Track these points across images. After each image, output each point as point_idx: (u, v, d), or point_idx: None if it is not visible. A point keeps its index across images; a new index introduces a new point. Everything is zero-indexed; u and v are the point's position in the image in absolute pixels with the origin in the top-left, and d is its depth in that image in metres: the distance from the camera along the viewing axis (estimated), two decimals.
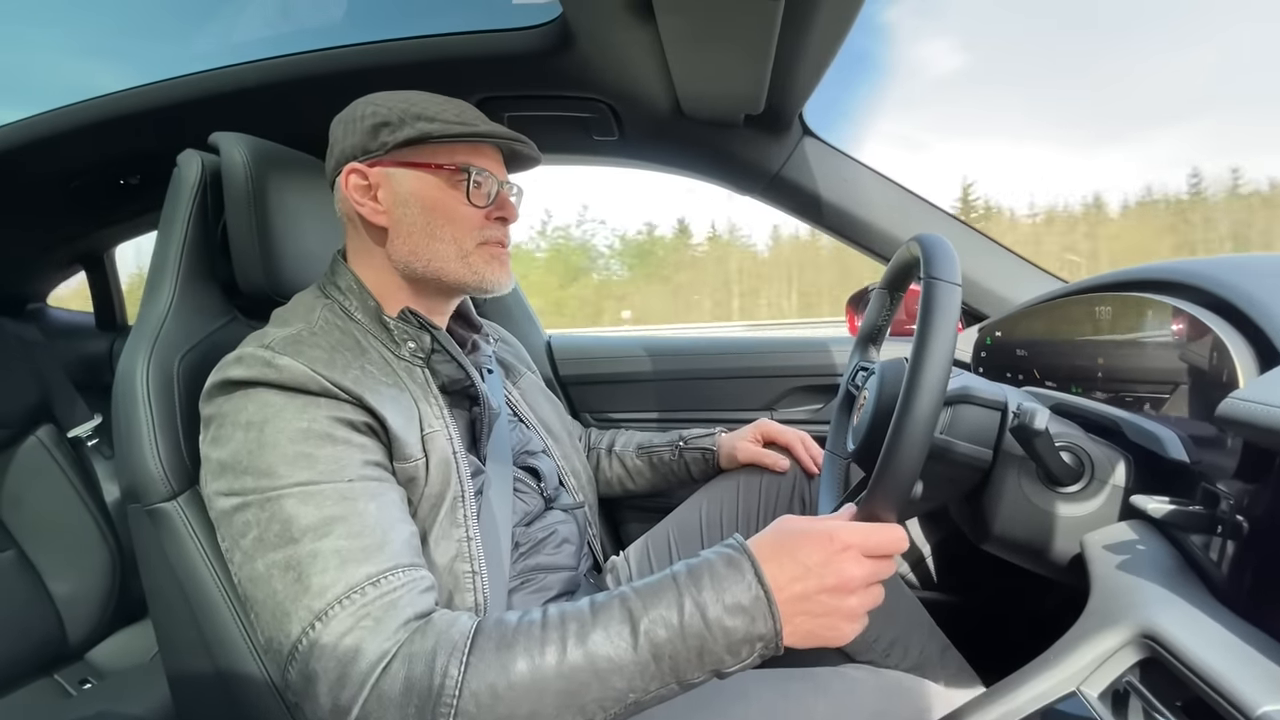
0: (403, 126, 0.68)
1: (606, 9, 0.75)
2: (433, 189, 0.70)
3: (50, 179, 1.16)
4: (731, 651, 0.49)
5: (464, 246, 0.71)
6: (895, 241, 1.08)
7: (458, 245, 0.70)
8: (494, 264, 0.72)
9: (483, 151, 0.72)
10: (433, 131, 0.67)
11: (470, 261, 0.71)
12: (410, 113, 0.68)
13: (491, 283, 0.73)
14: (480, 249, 0.72)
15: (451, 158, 0.70)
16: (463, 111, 0.70)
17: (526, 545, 0.76)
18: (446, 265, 0.71)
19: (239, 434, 0.57)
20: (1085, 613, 0.45)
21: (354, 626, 0.50)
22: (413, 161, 0.69)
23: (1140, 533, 0.53)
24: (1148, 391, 0.59)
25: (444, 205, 0.70)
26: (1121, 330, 0.64)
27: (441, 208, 0.70)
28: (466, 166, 0.70)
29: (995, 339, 0.91)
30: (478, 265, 0.71)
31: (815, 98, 0.98)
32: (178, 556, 0.64)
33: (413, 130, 0.67)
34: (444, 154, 0.70)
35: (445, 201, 0.70)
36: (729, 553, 0.52)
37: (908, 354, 0.75)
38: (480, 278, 0.72)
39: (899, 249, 0.72)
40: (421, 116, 0.68)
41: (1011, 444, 0.61)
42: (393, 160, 0.69)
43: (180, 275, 0.74)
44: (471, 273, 0.71)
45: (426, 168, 0.69)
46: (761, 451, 0.97)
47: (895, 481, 0.52)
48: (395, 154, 0.69)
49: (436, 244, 0.70)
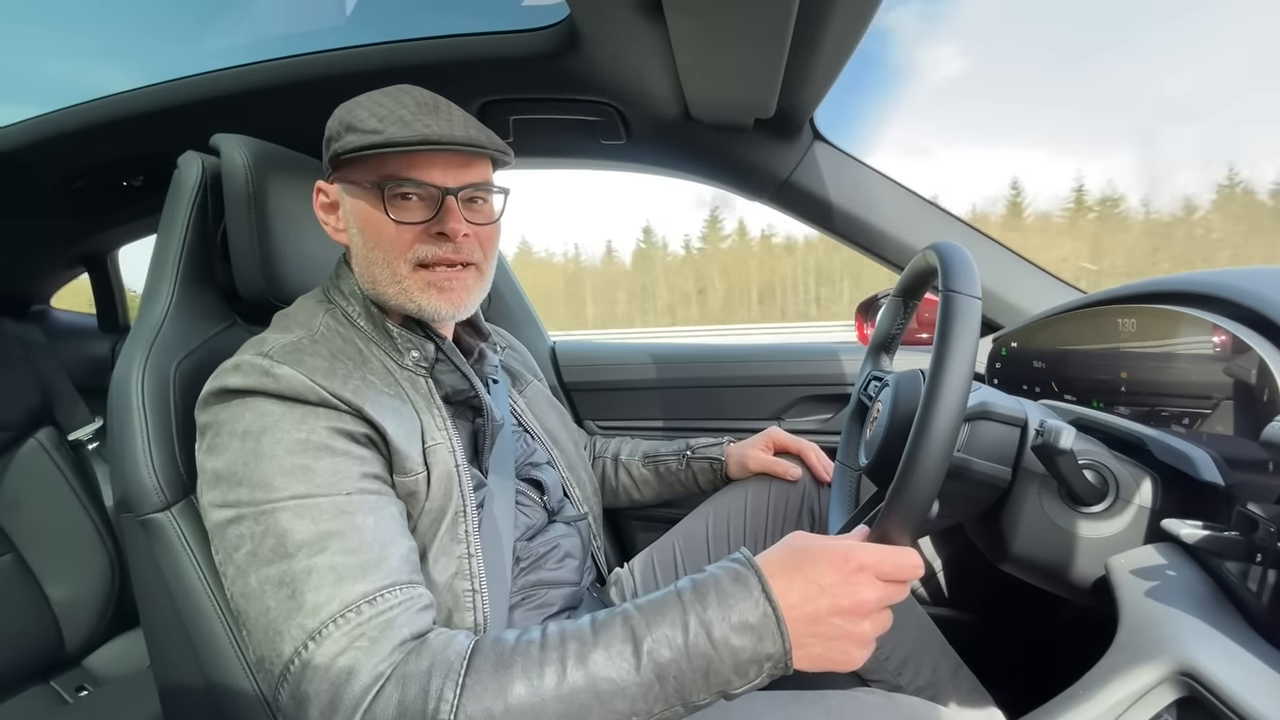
0: (336, 139, 0.64)
1: (615, 10, 0.74)
2: (364, 207, 0.65)
3: (53, 180, 1.16)
4: (739, 672, 0.47)
5: (397, 270, 0.64)
6: (908, 248, 1.06)
7: (391, 269, 0.64)
8: (429, 291, 0.65)
9: (419, 160, 0.63)
10: (350, 145, 0.62)
11: (405, 287, 0.65)
12: (345, 123, 0.63)
13: (430, 311, 0.65)
14: (416, 273, 0.65)
15: (379, 171, 0.63)
16: (390, 114, 0.62)
17: (528, 560, 0.74)
18: (387, 290, 0.65)
19: (235, 443, 0.56)
20: (1115, 644, 0.43)
21: (348, 647, 0.48)
22: (349, 178, 0.65)
23: (1169, 557, 0.51)
24: (1177, 408, 0.56)
25: (373, 224, 0.64)
26: (1148, 343, 0.62)
27: (370, 227, 0.65)
28: (380, 182, 0.63)
29: (1010, 350, 0.88)
30: (413, 292, 0.65)
31: (826, 102, 0.96)
32: (170, 568, 0.63)
33: (340, 144, 0.63)
34: (372, 167, 0.63)
35: (374, 220, 0.64)
36: (735, 568, 0.50)
37: (922, 365, 0.73)
38: (417, 306, 0.65)
39: (914, 257, 0.70)
40: (352, 127, 0.62)
41: (1032, 461, 0.59)
42: (338, 176, 0.67)
43: (179, 278, 0.73)
44: (409, 299, 0.65)
45: (358, 184, 0.65)
46: (773, 460, 0.95)
47: (912, 502, 0.50)
48: (341, 170, 0.66)
49: (373, 268, 0.65)
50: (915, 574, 0.50)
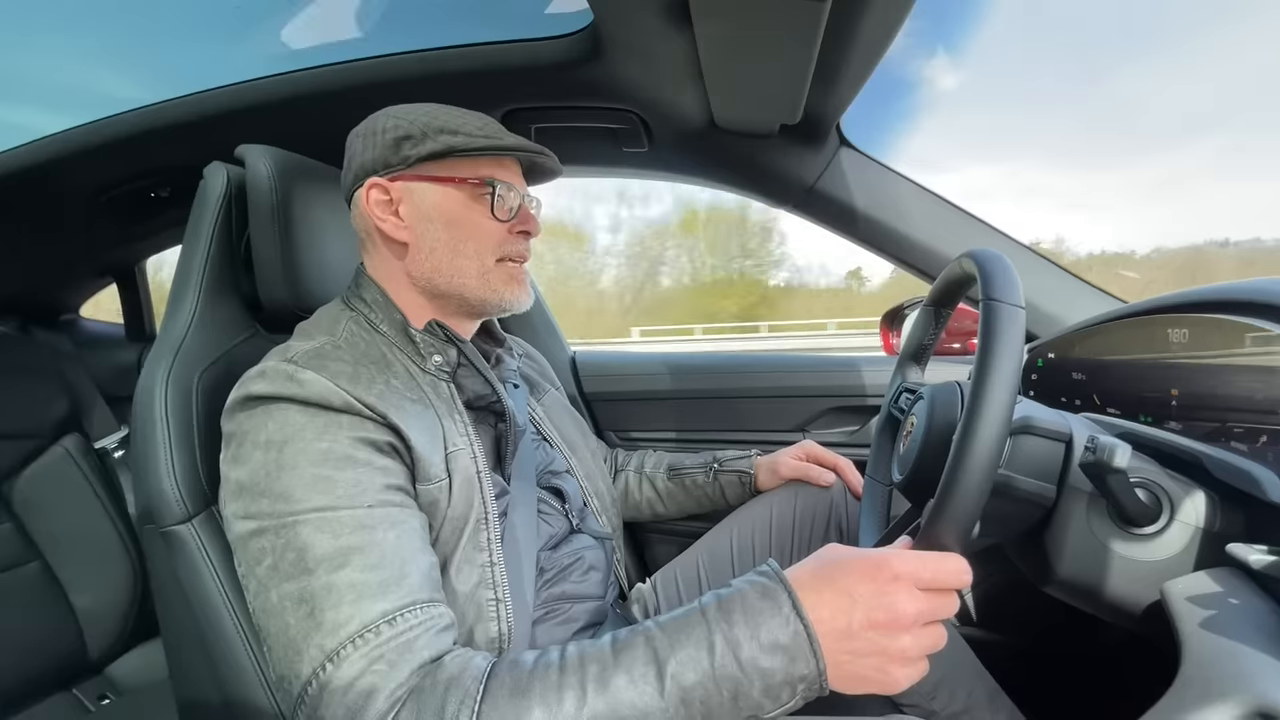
0: (426, 140, 0.66)
1: (640, 16, 0.73)
2: (456, 204, 0.68)
3: (83, 192, 1.17)
4: (770, 695, 0.44)
5: (485, 263, 0.69)
6: (937, 256, 1.04)
7: (479, 261, 0.69)
8: (512, 283, 0.71)
9: (505, 164, 0.71)
10: (457, 145, 0.66)
11: (489, 279, 0.70)
12: (433, 126, 0.67)
13: (510, 301, 0.71)
14: (499, 266, 0.70)
15: (476, 171, 0.68)
16: (486, 124, 0.69)
17: (552, 571, 0.72)
18: (468, 282, 0.69)
19: (258, 454, 0.55)
20: (1181, 680, 0.40)
21: (366, 670, 0.46)
22: (436, 176, 0.67)
23: (1230, 584, 0.48)
24: (1237, 424, 0.53)
25: (468, 220, 0.68)
26: (1203, 355, 0.59)
27: (465, 223, 0.68)
28: (491, 180, 0.68)
29: (1048, 360, 0.85)
30: (496, 284, 0.70)
31: (853, 107, 0.94)
32: (190, 581, 0.62)
33: (436, 143, 0.66)
34: (468, 167, 0.68)
35: (469, 216, 0.68)
36: (763, 582, 0.47)
37: (957, 376, 0.71)
38: (499, 296, 0.70)
39: (949, 265, 0.67)
40: (445, 129, 0.67)
41: (1078, 478, 0.56)
42: (415, 174, 0.67)
43: (203, 289, 0.73)
44: (490, 290, 0.70)
45: (450, 181, 0.67)
46: (807, 465, 0.93)
47: (954, 522, 0.48)
48: (418, 168, 0.67)
49: (459, 260, 0.68)
50: (961, 581, 0.47)
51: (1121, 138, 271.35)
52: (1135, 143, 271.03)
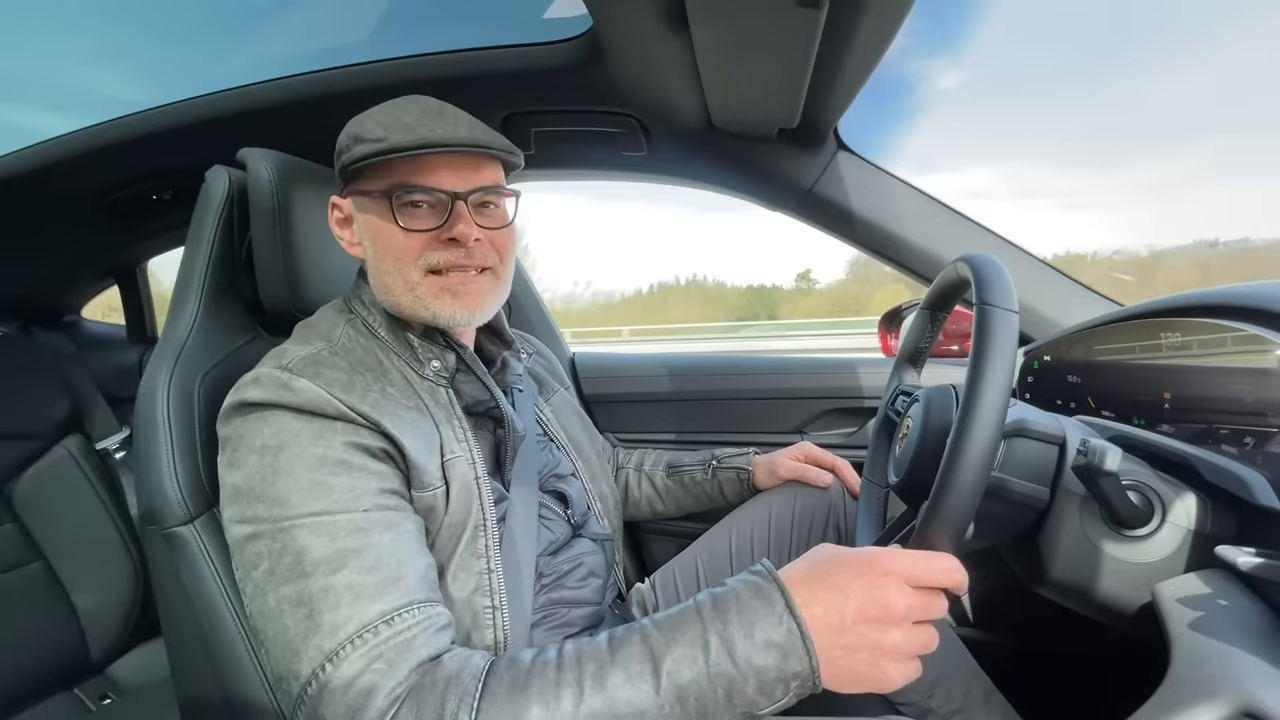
0: (345, 151, 0.64)
1: (639, 21, 0.73)
2: (374, 216, 0.65)
3: (86, 194, 1.18)
4: (764, 692, 0.45)
5: (409, 278, 0.64)
6: (934, 259, 1.04)
7: (402, 277, 0.64)
8: (443, 296, 0.64)
9: (426, 165, 0.63)
10: (358, 154, 0.62)
11: (418, 294, 0.64)
12: (352, 135, 0.64)
13: (446, 316, 0.65)
14: (428, 279, 0.64)
15: (387, 179, 0.63)
16: (395, 122, 0.62)
17: (551, 577, 0.73)
18: (400, 299, 0.65)
19: (254, 459, 0.55)
20: (1169, 680, 0.41)
21: (365, 670, 0.47)
22: (359, 190, 0.65)
23: (1220, 585, 0.48)
24: (1228, 427, 0.54)
25: (382, 234, 0.64)
26: (1196, 358, 0.59)
27: (380, 237, 0.65)
28: (389, 190, 0.63)
29: (1043, 363, 0.86)
30: (425, 299, 0.64)
31: (850, 111, 0.95)
32: (192, 582, 0.63)
33: (349, 154, 0.63)
34: (380, 177, 0.63)
35: (383, 229, 0.64)
36: (757, 581, 0.48)
37: (953, 380, 0.71)
38: (431, 313, 0.65)
39: (945, 268, 0.68)
40: (360, 137, 0.63)
41: (1071, 481, 0.57)
42: (351, 189, 0.66)
43: (205, 291, 0.74)
44: (422, 307, 0.64)
45: (367, 194, 0.65)
46: (805, 466, 0.93)
47: (947, 524, 0.48)
48: (352, 182, 0.66)
49: (386, 278, 0.65)
50: (951, 580, 0.47)
51: (1121, 138, 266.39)
52: (1134, 143, 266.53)
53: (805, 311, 27.72)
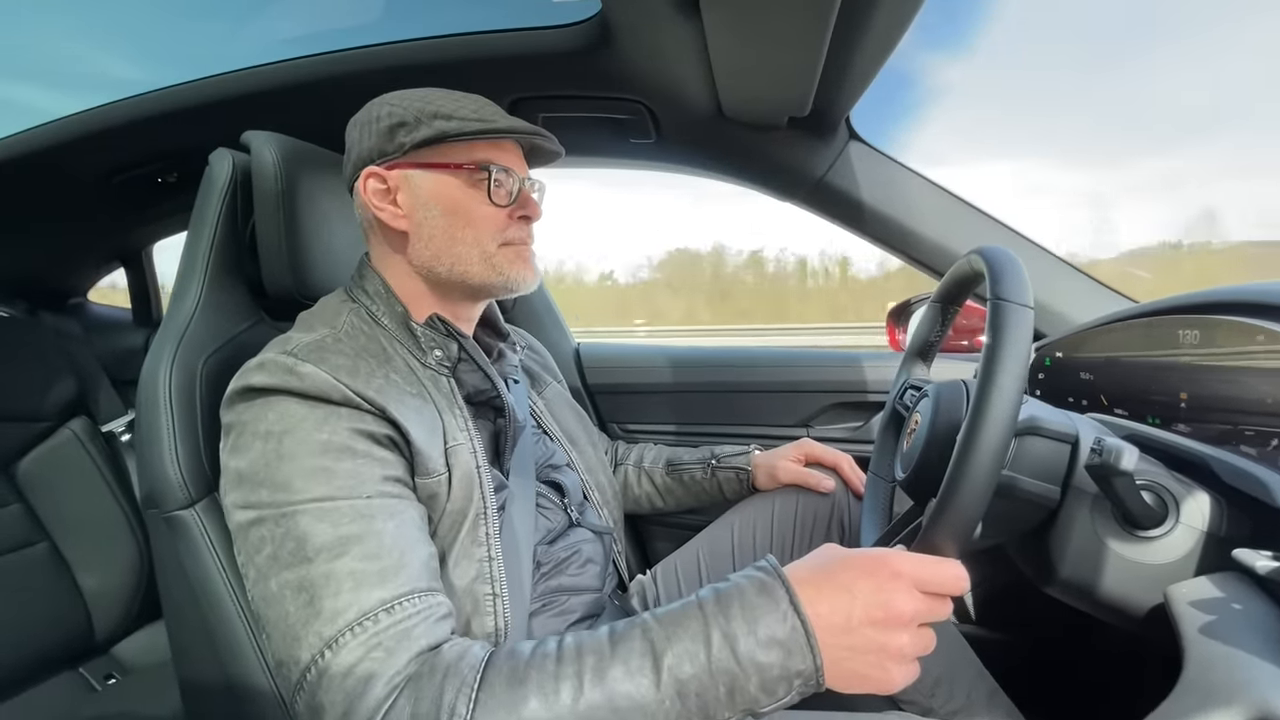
0: (419, 126, 0.65)
1: (649, 4, 0.72)
2: (453, 190, 0.67)
3: (91, 176, 1.18)
4: (766, 690, 0.44)
5: (487, 248, 0.68)
6: (947, 253, 1.03)
7: (480, 247, 0.68)
8: (519, 263, 0.69)
9: (503, 148, 0.69)
10: (450, 130, 0.64)
11: (494, 262, 0.68)
12: (427, 111, 0.65)
13: (517, 281, 0.69)
14: (503, 249, 0.68)
15: (471, 156, 0.67)
16: (481, 108, 0.67)
17: (549, 565, 0.73)
18: (470, 268, 0.68)
19: (258, 444, 0.55)
20: (1182, 685, 0.40)
21: (364, 657, 0.47)
22: (431, 162, 0.66)
23: (1234, 589, 0.47)
24: (1247, 427, 0.53)
25: (465, 206, 0.67)
26: (1214, 357, 0.58)
27: (462, 209, 0.67)
28: (487, 165, 0.67)
29: (1055, 360, 0.84)
30: (501, 265, 0.68)
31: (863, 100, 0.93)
32: (193, 566, 0.63)
33: (430, 129, 0.65)
34: (463, 152, 0.67)
35: (466, 202, 0.67)
36: (761, 577, 0.47)
37: (963, 375, 0.70)
38: (505, 277, 0.69)
39: (958, 261, 0.67)
40: (439, 115, 0.65)
41: (1082, 480, 0.56)
42: (411, 162, 0.66)
43: (208, 275, 0.73)
44: (496, 273, 0.68)
45: (446, 168, 0.66)
46: (805, 471, 0.92)
47: (956, 522, 0.47)
48: (413, 155, 0.66)
49: (459, 246, 0.67)
50: (958, 587, 0.46)
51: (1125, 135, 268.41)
52: (1132, 142, 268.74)
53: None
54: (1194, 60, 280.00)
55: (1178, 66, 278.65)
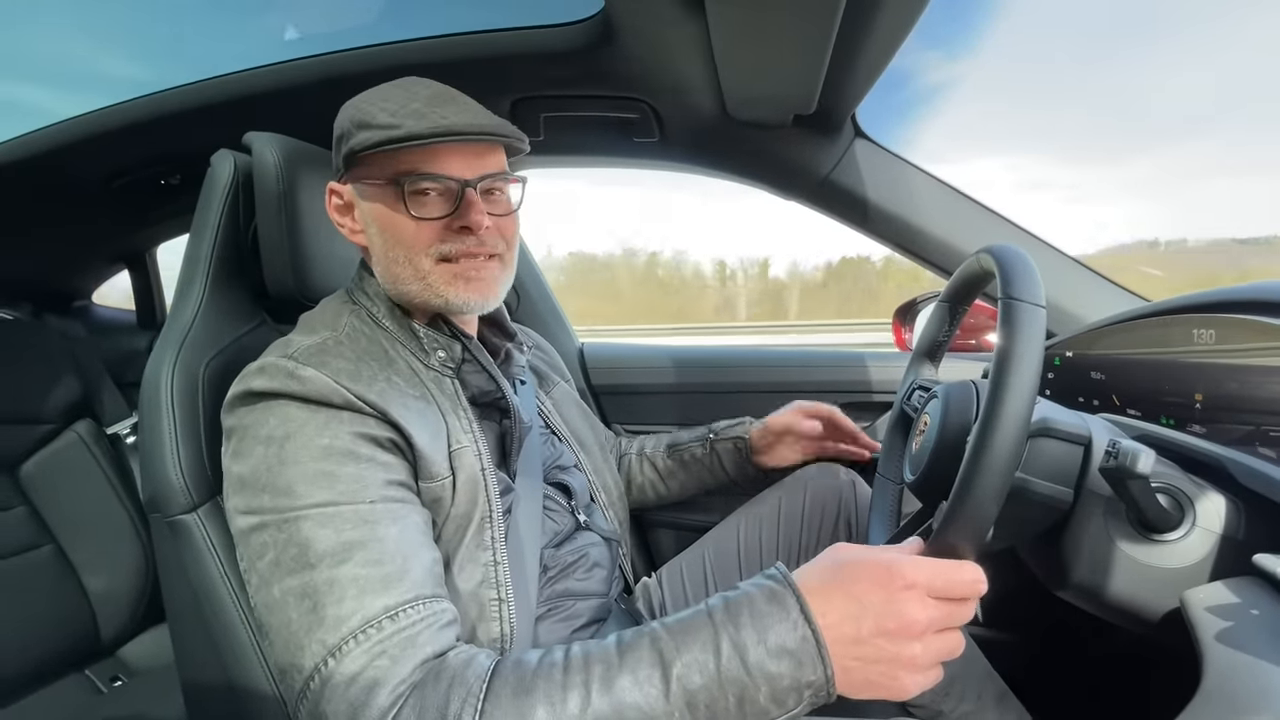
0: (347, 138, 0.62)
1: (653, 2, 0.71)
2: (381, 205, 0.63)
3: (94, 178, 1.17)
4: (776, 701, 0.43)
5: (420, 266, 0.63)
6: (954, 251, 1.01)
7: (413, 266, 0.63)
8: (456, 282, 0.63)
9: (437, 153, 0.61)
10: (364, 142, 0.60)
11: (429, 282, 0.63)
12: (355, 120, 0.62)
13: (458, 303, 0.64)
14: (440, 267, 0.63)
15: (394, 168, 0.61)
16: (400, 108, 0.60)
17: (556, 569, 0.72)
18: (408, 287, 0.64)
19: (259, 449, 0.55)
20: (1201, 694, 0.39)
21: (367, 666, 0.46)
22: (363, 177, 0.63)
23: (1252, 594, 0.46)
24: (1267, 428, 0.51)
25: (392, 223, 0.63)
26: (1231, 356, 0.57)
27: (390, 225, 0.63)
28: (397, 178, 0.61)
29: (1066, 359, 0.83)
30: (438, 286, 0.63)
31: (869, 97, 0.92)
32: (195, 571, 0.62)
33: (354, 142, 0.61)
34: (387, 164, 0.61)
35: (393, 218, 0.62)
36: (771, 585, 0.46)
37: (972, 375, 0.69)
38: (444, 300, 0.64)
39: (966, 260, 0.66)
40: (363, 123, 0.61)
41: (1096, 482, 0.55)
42: (351, 176, 0.65)
43: (210, 277, 0.73)
44: (434, 293, 0.63)
45: (372, 182, 0.63)
46: (793, 416, 0.94)
47: (970, 525, 0.46)
48: (353, 169, 0.64)
49: (394, 266, 0.64)
50: (975, 590, 0.46)
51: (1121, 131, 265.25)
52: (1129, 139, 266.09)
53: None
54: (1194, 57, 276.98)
55: (1178, 65, 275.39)
